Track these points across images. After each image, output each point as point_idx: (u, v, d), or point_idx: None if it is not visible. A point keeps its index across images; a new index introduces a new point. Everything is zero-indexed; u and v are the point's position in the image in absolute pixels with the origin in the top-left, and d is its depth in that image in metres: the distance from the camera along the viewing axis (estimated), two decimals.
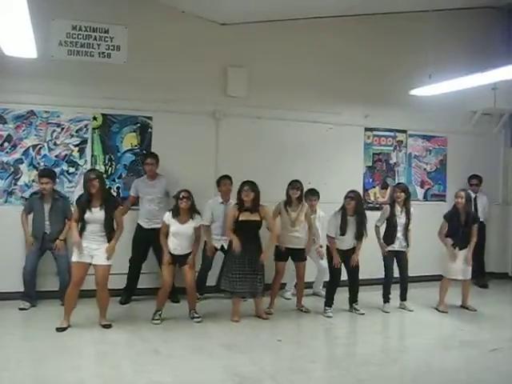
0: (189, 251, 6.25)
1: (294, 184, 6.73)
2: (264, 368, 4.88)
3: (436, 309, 7.16)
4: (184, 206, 6.12)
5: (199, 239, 6.38)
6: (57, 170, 7.01)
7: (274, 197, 6.82)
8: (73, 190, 7.08)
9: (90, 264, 5.72)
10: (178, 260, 6.23)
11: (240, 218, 6.27)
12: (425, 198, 9.07)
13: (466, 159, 9.20)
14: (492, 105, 8.59)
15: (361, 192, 8.22)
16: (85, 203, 5.69)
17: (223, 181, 7.18)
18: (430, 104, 8.14)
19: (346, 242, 6.72)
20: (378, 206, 8.44)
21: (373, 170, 8.71)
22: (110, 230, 5.76)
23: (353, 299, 6.93)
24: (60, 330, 5.64)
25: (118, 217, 5.87)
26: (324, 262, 7.17)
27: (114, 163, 7.33)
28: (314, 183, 7.39)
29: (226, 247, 6.87)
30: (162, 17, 7.29)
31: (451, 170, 9.28)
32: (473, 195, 8.86)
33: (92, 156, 7.24)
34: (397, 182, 8.61)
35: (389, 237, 7.08)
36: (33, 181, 6.97)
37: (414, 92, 7.61)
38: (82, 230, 5.71)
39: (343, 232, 6.66)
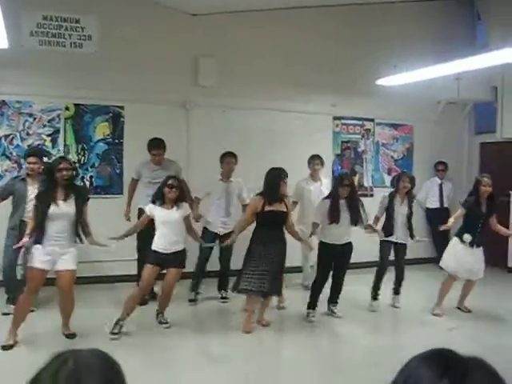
0: (178, 249, 5.55)
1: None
2: None
3: (434, 314, 6.46)
4: (171, 197, 5.49)
5: (191, 228, 5.83)
6: None
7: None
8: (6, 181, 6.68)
9: (47, 271, 5.01)
10: (164, 259, 5.48)
11: (266, 209, 5.67)
12: (392, 184, 9.31)
13: (431, 147, 9.49)
14: (456, 95, 8.85)
15: (330, 179, 8.45)
16: (49, 197, 4.93)
17: (227, 158, 6.81)
18: (396, 93, 8.32)
19: (340, 233, 6.07)
20: None
21: (341, 158, 8.95)
22: (77, 228, 5.06)
23: (332, 299, 6.35)
24: (7, 347, 4.87)
25: (85, 212, 5.16)
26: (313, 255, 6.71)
27: (86, 152, 7.42)
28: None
29: (221, 235, 6.62)
30: (133, 7, 7.38)
31: (418, 158, 9.56)
32: (439, 181, 9.23)
33: (65, 146, 7.32)
34: (365, 168, 8.85)
35: (387, 227, 6.63)
36: (6, 170, 7.02)
37: (380, 82, 7.82)
38: (41, 230, 4.91)
39: (336, 219, 6.00)
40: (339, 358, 5.34)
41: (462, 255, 6.25)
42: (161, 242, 5.49)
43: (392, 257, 6.76)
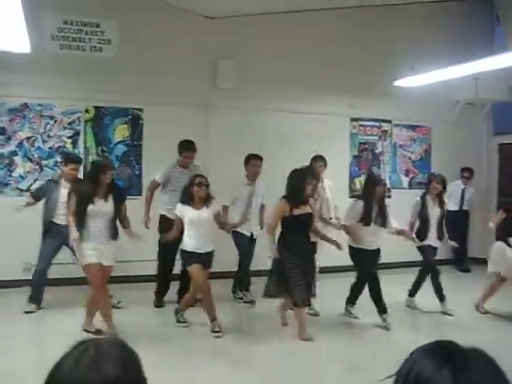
0: (209, 250, 5.56)
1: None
2: None
3: (477, 308, 6.58)
4: (201, 195, 5.50)
5: (224, 223, 5.92)
6: (50, 161, 7.24)
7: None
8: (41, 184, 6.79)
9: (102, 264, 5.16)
10: (202, 259, 5.50)
11: (295, 213, 5.47)
12: (410, 186, 9.32)
13: (450, 148, 9.46)
14: (474, 95, 8.84)
15: (347, 180, 8.45)
16: (89, 195, 5.08)
17: (253, 161, 6.79)
18: (413, 94, 8.34)
19: (372, 237, 5.96)
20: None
21: (359, 159, 8.97)
22: (116, 225, 5.28)
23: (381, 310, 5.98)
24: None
25: (125, 210, 5.39)
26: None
27: (106, 154, 7.52)
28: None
29: (255, 236, 6.72)
30: (151, 11, 7.47)
31: (436, 159, 9.54)
32: (462, 186, 9.16)
33: (85, 147, 7.44)
34: (382, 170, 8.85)
35: (422, 231, 6.55)
36: (27, 172, 7.16)
37: (397, 83, 7.86)
38: (82, 227, 5.06)
39: (368, 221, 5.89)
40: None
41: (507, 254, 6.26)
42: (195, 243, 5.48)
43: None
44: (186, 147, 6.56)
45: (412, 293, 6.78)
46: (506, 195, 9.41)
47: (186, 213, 5.50)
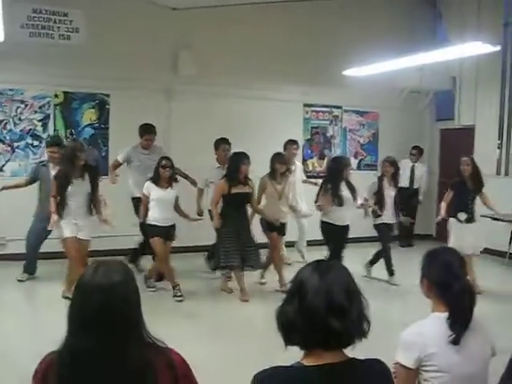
0: (171, 223, 6.25)
1: (281, 158, 6.75)
2: None
3: None
4: (166, 176, 6.16)
5: (179, 207, 6.47)
6: (22, 143, 7.71)
7: None
8: (37, 161, 7.56)
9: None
10: (163, 231, 6.18)
11: (233, 191, 6.21)
12: (358, 167, 10.07)
13: (396, 133, 10.23)
14: (418, 84, 9.58)
15: (300, 162, 9.13)
16: (66, 177, 5.64)
17: (222, 145, 7.20)
18: (362, 82, 8.91)
19: (343, 214, 6.58)
20: (315, 174, 9.35)
21: (311, 143, 9.67)
22: (93, 202, 5.84)
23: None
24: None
25: (97, 188, 5.92)
26: (305, 221, 7.63)
27: (75, 137, 8.00)
28: (257, 155, 8.11)
29: None
30: (118, 1, 7.90)
31: (383, 143, 10.32)
32: (411, 164, 9.93)
33: (54, 130, 7.91)
34: (333, 152, 9.56)
35: (376, 211, 7.13)
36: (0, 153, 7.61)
37: (346, 72, 8.50)
38: (63, 206, 5.64)
39: (340, 202, 6.47)
40: None
41: (463, 233, 6.59)
42: (157, 217, 6.17)
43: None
44: (147, 130, 7.15)
45: (372, 262, 7.46)
46: (447, 176, 10.22)
47: (152, 191, 6.18)
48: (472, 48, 6.95)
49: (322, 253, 6.71)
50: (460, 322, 2.27)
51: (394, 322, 5.26)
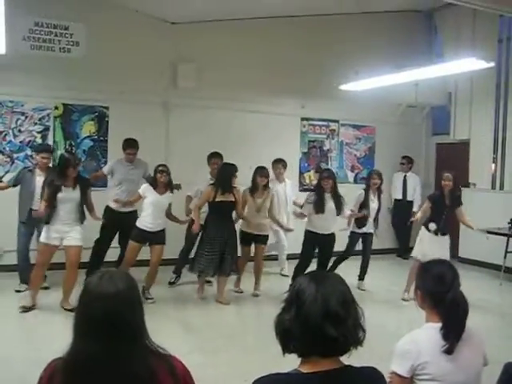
0: (160, 228, 6.43)
1: (262, 172, 6.89)
2: None
3: (403, 299, 7.00)
4: (163, 180, 6.38)
5: (171, 213, 6.65)
6: (21, 154, 7.76)
7: None
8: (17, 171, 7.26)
9: (57, 247, 5.97)
10: (149, 237, 6.40)
11: (217, 199, 6.45)
12: (355, 181, 10.16)
13: (392, 146, 10.34)
14: (414, 99, 9.68)
15: (297, 175, 9.20)
16: (58, 184, 5.85)
17: (213, 159, 7.37)
18: (359, 97, 9.07)
19: (326, 223, 6.88)
20: (312, 187, 9.39)
21: (308, 156, 9.76)
22: (82, 210, 6.04)
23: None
24: (25, 309, 5.89)
25: (89, 196, 6.17)
26: (283, 235, 7.86)
27: (74, 149, 8.07)
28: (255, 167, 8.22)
29: None
30: (117, 15, 8.01)
31: (379, 156, 10.41)
32: (402, 174, 10.06)
33: (54, 142, 7.96)
34: (329, 166, 9.65)
35: (361, 220, 7.38)
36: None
37: (343, 87, 8.62)
38: (52, 212, 5.85)
39: (321, 209, 6.80)
40: None
41: (428, 242, 6.80)
42: (149, 221, 6.37)
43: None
44: (130, 145, 7.30)
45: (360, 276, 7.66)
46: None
47: (149, 194, 6.41)
48: (467, 64, 7.07)
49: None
50: (453, 332, 2.33)
51: (389, 332, 5.31)
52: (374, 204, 7.49)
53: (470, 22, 9.21)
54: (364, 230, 7.50)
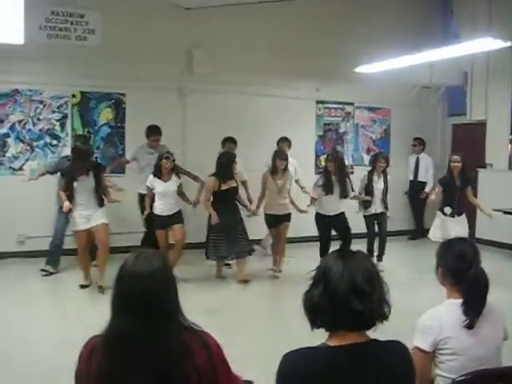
0: (176, 210, 6.71)
1: (281, 155, 7.14)
2: None
3: None
4: (168, 166, 6.59)
5: (184, 194, 6.91)
6: (40, 142, 7.89)
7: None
8: (56, 160, 7.72)
9: (88, 230, 6.28)
10: (167, 221, 6.64)
11: (222, 188, 6.70)
12: (370, 163, 10.13)
13: (407, 128, 10.30)
14: (429, 80, 9.64)
15: (313, 158, 9.24)
16: (75, 174, 6.18)
17: (227, 144, 7.64)
18: (374, 79, 9.04)
19: (333, 205, 7.11)
20: None
21: (324, 139, 9.78)
22: (100, 195, 6.33)
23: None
24: (84, 286, 6.42)
25: (103, 181, 6.44)
26: None
27: (92, 136, 8.17)
28: (271, 151, 8.17)
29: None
30: (132, 2, 8.06)
31: (394, 138, 10.40)
32: (415, 156, 10.07)
33: (72, 129, 8.08)
34: (344, 149, 9.69)
35: (364, 203, 7.64)
36: (19, 152, 7.80)
37: (358, 69, 8.60)
38: (71, 199, 6.17)
39: (329, 191, 7.02)
40: None
41: (447, 225, 6.90)
42: (162, 207, 6.65)
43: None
44: (152, 131, 7.49)
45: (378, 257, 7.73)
46: None
47: (156, 185, 6.64)
48: (483, 44, 7.02)
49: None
50: (474, 307, 2.39)
51: (412, 309, 5.37)
52: (378, 184, 7.65)
53: (486, 0, 9.12)
54: (372, 211, 7.66)
